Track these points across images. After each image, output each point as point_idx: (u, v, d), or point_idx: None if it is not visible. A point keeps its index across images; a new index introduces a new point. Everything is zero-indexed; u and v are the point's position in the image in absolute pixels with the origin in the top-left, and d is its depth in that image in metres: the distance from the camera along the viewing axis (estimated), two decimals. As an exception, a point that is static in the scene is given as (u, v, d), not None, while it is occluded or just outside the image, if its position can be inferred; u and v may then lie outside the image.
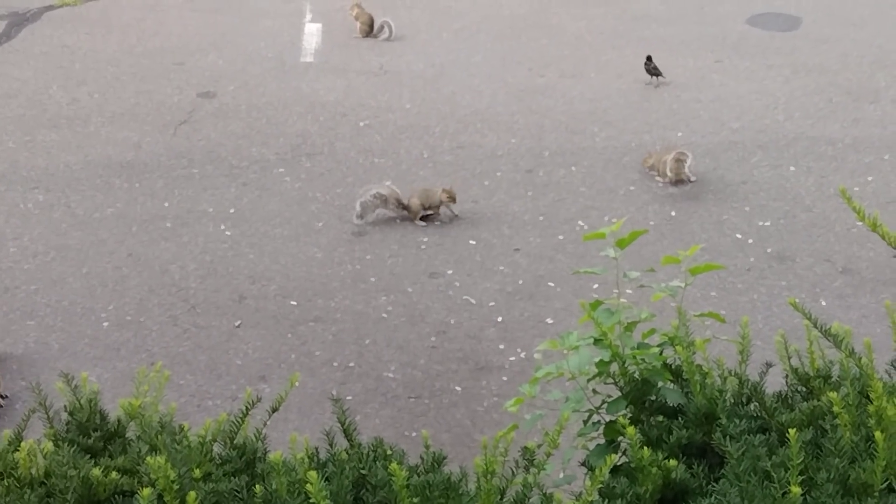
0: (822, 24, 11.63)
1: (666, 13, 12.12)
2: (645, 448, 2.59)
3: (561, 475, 3.25)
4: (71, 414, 2.96)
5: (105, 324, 6.30)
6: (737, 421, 2.67)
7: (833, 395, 2.59)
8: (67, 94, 9.83)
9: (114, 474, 2.62)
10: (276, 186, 7.98)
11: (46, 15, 12.12)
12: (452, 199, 7.44)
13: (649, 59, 9.90)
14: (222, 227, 7.42)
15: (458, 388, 5.70)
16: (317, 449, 2.85)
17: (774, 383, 3.08)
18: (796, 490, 2.35)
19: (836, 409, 2.57)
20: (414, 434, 5.30)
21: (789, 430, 2.43)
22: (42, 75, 10.30)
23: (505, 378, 5.77)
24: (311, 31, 11.57)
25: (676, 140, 8.68)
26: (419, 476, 2.60)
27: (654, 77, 9.89)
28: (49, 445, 2.76)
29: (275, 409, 3.03)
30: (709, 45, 11.04)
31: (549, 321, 6.28)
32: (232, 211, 7.64)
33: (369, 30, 11.28)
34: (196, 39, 11.25)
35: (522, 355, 5.96)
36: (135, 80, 10.16)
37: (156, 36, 11.42)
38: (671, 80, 9.94)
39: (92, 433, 2.89)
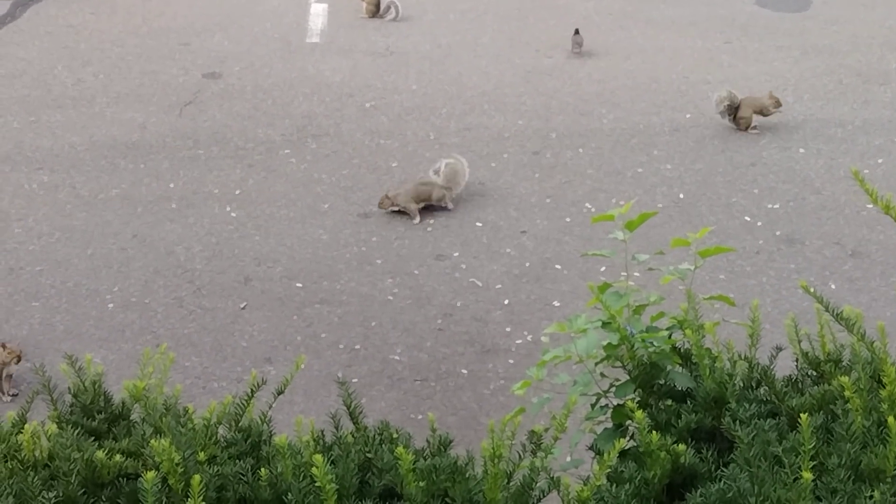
0: (832, 6, 11.55)
1: (674, -6, 12.04)
2: (653, 432, 2.56)
3: (568, 459, 3.23)
4: (75, 396, 2.94)
5: (110, 305, 6.28)
6: (746, 405, 2.65)
7: (844, 379, 2.56)
8: (72, 75, 9.80)
9: (118, 457, 2.60)
10: (282, 168, 7.95)
11: (52, -5, 12.08)
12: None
13: (576, 31, 10.20)
14: (228, 208, 7.39)
15: (464, 371, 5.68)
16: (322, 432, 2.83)
17: (784, 367, 3.04)
18: (808, 475, 2.32)
19: (847, 393, 2.54)
20: (420, 417, 5.28)
21: (801, 414, 2.40)
22: (47, 55, 10.26)
23: (511, 361, 5.75)
24: (317, 12, 11.51)
25: (686, 121, 8.64)
26: (425, 460, 2.58)
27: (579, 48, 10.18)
28: (53, 427, 2.74)
29: (280, 392, 3.00)
30: (717, 26, 10.97)
31: (556, 304, 6.25)
32: (237, 192, 7.61)
33: (375, 10, 11.22)
34: (202, 20, 11.19)
35: (529, 338, 5.93)
36: (140, 61, 10.12)
37: (161, 16, 11.37)
38: (595, 45, 9.88)
39: (96, 415, 2.87)
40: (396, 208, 7.23)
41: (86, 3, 11.79)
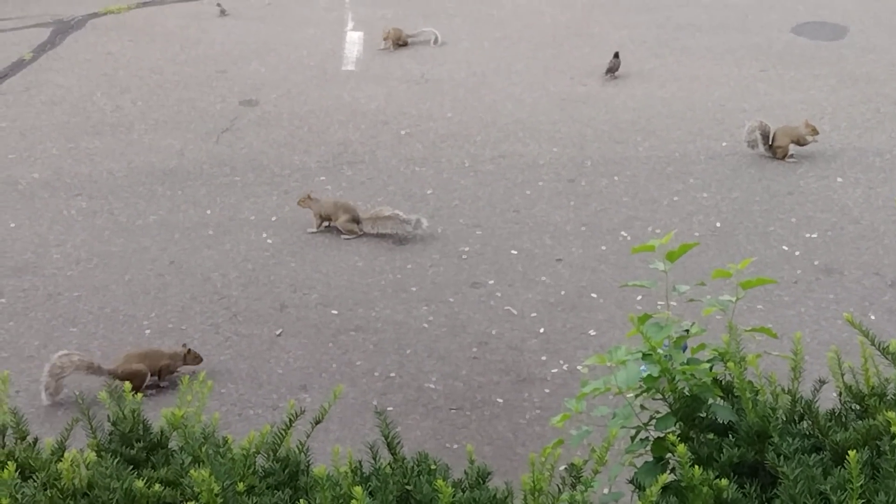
0: (869, 34, 11.49)
1: (709, 22, 12.02)
2: (695, 466, 2.53)
3: (606, 491, 3.20)
4: (114, 424, 2.94)
5: (147, 331, 6.30)
6: (790, 439, 2.61)
7: (891, 414, 2.52)
8: (111, 102, 9.89)
9: (157, 486, 2.60)
10: (318, 194, 7.97)
11: (91, 22, 12.23)
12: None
13: (616, 55, 10.31)
14: (264, 234, 7.42)
15: (499, 400, 5.65)
16: (360, 462, 2.81)
17: (825, 399, 3.01)
18: (855, 513, 2.28)
19: (893, 428, 2.50)
20: (455, 446, 5.25)
21: (849, 451, 2.36)
22: (86, 82, 10.37)
23: (547, 390, 5.71)
24: (353, 40, 11.59)
25: (722, 149, 8.60)
26: (464, 492, 2.56)
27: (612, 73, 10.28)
28: (92, 456, 2.74)
29: (318, 421, 2.99)
30: (753, 54, 10.94)
31: (592, 333, 6.22)
32: (274, 219, 7.64)
33: (400, 43, 11.26)
34: (239, 48, 11.29)
35: (565, 367, 5.90)
36: (178, 88, 10.21)
37: (199, 44, 11.47)
38: (630, 73, 9.86)
39: (135, 444, 2.87)
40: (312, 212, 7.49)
41: (125, 30, 11.93)
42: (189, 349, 5.87)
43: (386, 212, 7.39)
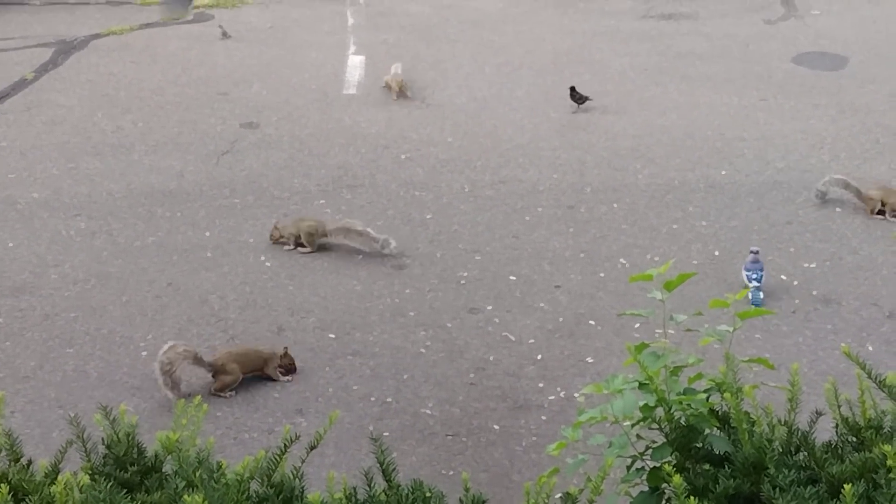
0: (869, 64, 11.53)
1: (710, 51, 12.07)
2: (691, 497, 2.52)
3: (602, 521, 3.19)
4: (108, 447, 2.93)
5: (144, 353, 6.29)
6: (786, 471, 2.61)
7: (887, 447, 2.51)
8: (112, 122, 9.91)
9: (150, 511, 2.59)
10: (317, 218, 7.97)
11: (93, 43, 12.27)
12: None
13: (573, 89, 10.20)
14: (262, 257, 7.42)
15: (496, 427, 5.63)
16: (355, 489, 2.80)
17: (822, 430, 3.00)
18: (850, 547, 2.27)
19: (890, 462, 2.50)
20: (451, 473, 5.23)
21: (844, 485, 2.35)
22: (87, 103, 10.40)
23: (544, 417, 5.70)
24: (355, 64, 11.62)
25: (721, 178, 8.62)
26: (459, 520, 2.55)
27: (581, 104, 10.17)
28: (85, 479, 2.73)
29: (313, 447, 2.98)
30: (754, 83, 10.97)
31: (590, 360, 6.21)
32: (272, 242, 7.63)
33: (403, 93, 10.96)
34: (240, 70, 11.32)
35: (562, 394, 5.89)
36: (179, 110, 10.24)
37: (200, 66, 11.51)
38: (630, 100, 9.89)
39: (129, 467, 2.86)
40: (284, 240, 7.57)
41: (127, 51, 11.97)
42: (286, 353, 6.04)
43: (358, 226, 7.48)
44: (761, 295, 6.75)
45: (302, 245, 7.49)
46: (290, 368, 6.05)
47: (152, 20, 13.31)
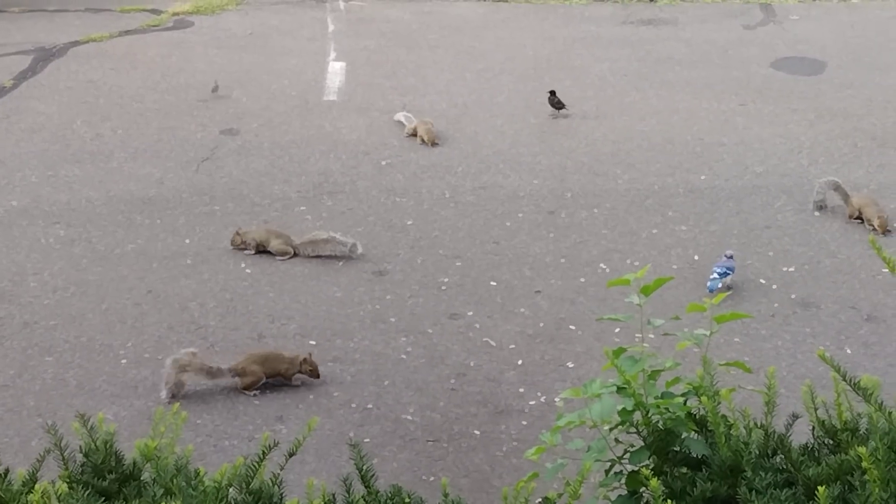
0: (847, 69, 11.60)
1: (690, 56, 12.12)
2: (668, 500, 2.53)
3: (581, 525, 3.20)
4: (86, 455, 2.92)
5: (123, 361, 6.27)
6: (762, 474, 2.62)
7: (862, 449, 2.53)
8: (91, 130, 9.88)
9: (128, 519, 2.58)
10: (298, 224, 7.97)
11: (72, 50, 12.23)
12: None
13: (552, 93, 10.21)
14: (242, 264, 7.41)
15: (476, 432, 5.64)
16: (334, 496, 2.80)
17: (799, 433, 3.02)
18: (825, 548, 2.29)
19: (864, 464, 2.51)
20: (432, 479, 5.23)
21: (818, 487, 2.37)
22: (66, 110, 10.36)
23: (524, 422, 5.71)
24: (335, 70, 11.62)
25: (701, 182, 8.65)
26: (438, 526, 2.55)
27: (559, 110, 10.19)
28: (63, 487, 2.72)
29: (292, 454, 2.98)
30: (733, 88, 11.02)
31: (570, 365, 6.22)
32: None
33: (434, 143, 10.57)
34: (220, 77, 11.29)
35: (542, 399, 5.90)
36: (158, 117, 10.21)
37: (180, 73, 11.48)
38: (611, 106, 9.93)
39: (107, 475, 2.85)
40: (244, 247, 7.55)
41: (106, 58, 11.93)
42: (307, 358, 6.01)
43: (322, 235, 7.52)
44: (719, 284, 6.79)
45: (267, 252, 7.48)
46: (312, 374, 6.03)
47: (132, 27, 13.27)
